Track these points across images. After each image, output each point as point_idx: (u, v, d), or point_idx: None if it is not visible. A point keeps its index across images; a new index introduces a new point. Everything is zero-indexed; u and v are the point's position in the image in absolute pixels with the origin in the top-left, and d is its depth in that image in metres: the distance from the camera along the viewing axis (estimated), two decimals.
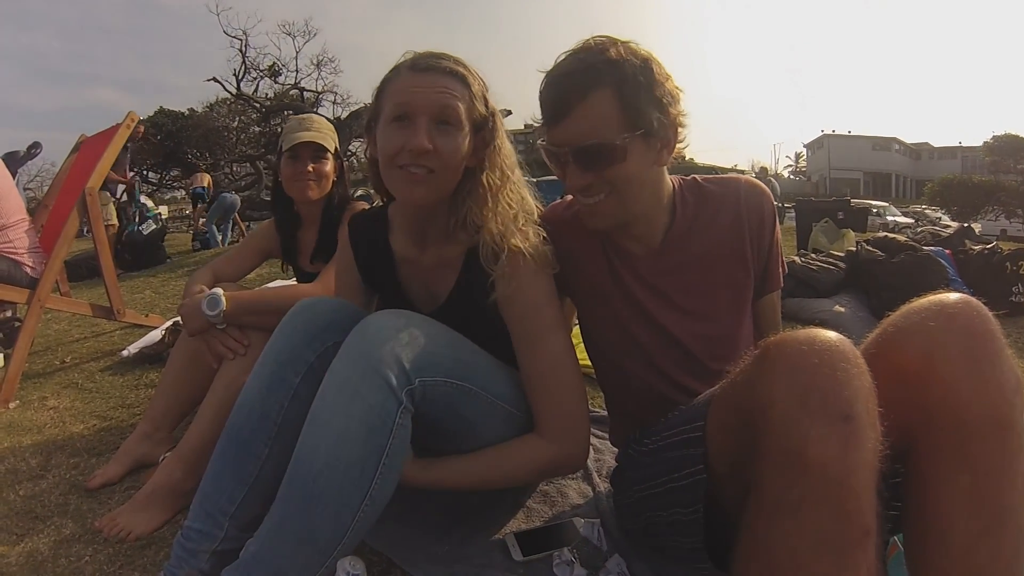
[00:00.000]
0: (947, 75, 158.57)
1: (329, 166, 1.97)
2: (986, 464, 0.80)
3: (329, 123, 2.05)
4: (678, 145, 1.18)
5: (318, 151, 1.93)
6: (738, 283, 1.28)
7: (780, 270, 1.34)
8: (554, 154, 1.15)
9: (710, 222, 1.26)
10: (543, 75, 1.15)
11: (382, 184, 1.22)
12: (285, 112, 15.18)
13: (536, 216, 1.26)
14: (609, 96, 1.07)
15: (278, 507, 1.01)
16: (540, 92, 1.15)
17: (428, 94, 1.12)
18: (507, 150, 1.23)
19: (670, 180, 1.27)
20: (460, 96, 1.14)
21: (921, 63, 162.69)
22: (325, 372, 1.11)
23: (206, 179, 13.46)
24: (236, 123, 23.27)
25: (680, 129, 1.16)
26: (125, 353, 2.92)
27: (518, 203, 1.22)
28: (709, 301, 1.26)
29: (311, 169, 1.92)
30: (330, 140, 1.97)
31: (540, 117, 1.17)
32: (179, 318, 1.81)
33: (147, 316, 3.41)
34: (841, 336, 0.81)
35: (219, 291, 1.68)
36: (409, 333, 1.07)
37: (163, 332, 2.92)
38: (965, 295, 0.88)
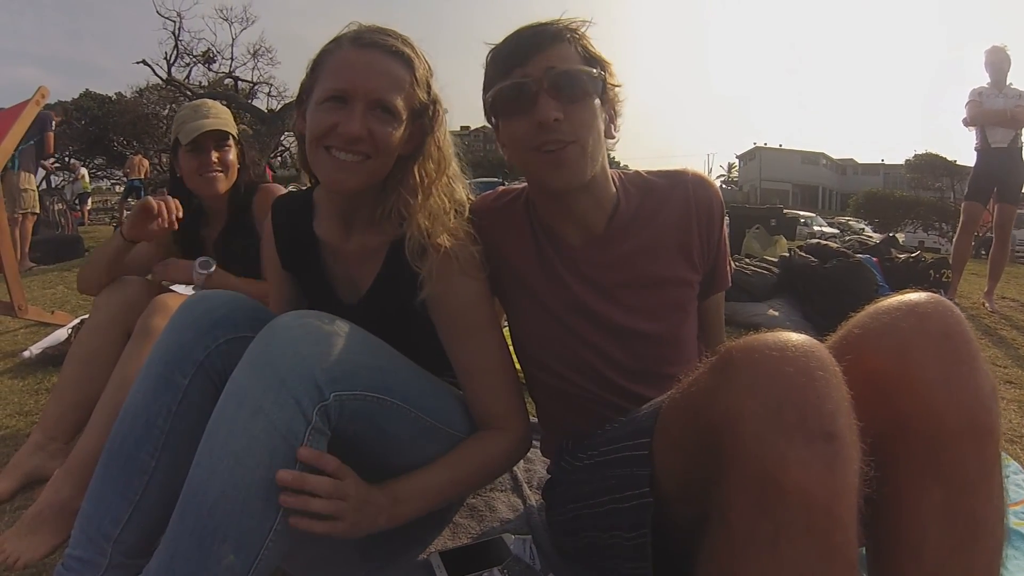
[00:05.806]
0: (873, 96, 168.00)
1: (233, 154, 1.84)
2: (961, 476, 0.75)
3: (226, 108, 1.93)
4: (615, 132, 1.17)
5: (221, 139, 1.80)
6: (684, 280, 1.20)
7: (727, 268, 1.29)
8: (522, 87, 1.05)
9: (655, 213, 1.19)
10: (491, 46, 1.12)
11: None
12: (219, 102, 14.59)
13: (467, 211, 1.19)
14: (574, 49, 1.08)
15: (168, 543, 0.88)
16: (496, 49, 1.11)
17: (368, 76, 1.04)
18: (446, 140, 1.15)
19: (611, 172, 1.21)
20: (401, 81, 1.06)
21: (849, 84, 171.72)
22: (217, 371, 1.01)
23: (144, 167, 12.52)
24: (167, 111, 22.21)
25: (617, 117, 1.17)
26: (27, 354, 2.69)
27: (449, 197, 1.15)
28: (652, 297, 1.18)
29: (216, 159, 1.78)
30: (231, 126, 1.84)
31: (491, 73, 1.12)
32: (87, 315, 1.67)
33: (53, 313, 3.17)
34: (812, 339, 0.73)
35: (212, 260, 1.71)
36: (323, 338, 0.95)
37: (69, 331, 2.70)
38: (935, 295, 0.82)
